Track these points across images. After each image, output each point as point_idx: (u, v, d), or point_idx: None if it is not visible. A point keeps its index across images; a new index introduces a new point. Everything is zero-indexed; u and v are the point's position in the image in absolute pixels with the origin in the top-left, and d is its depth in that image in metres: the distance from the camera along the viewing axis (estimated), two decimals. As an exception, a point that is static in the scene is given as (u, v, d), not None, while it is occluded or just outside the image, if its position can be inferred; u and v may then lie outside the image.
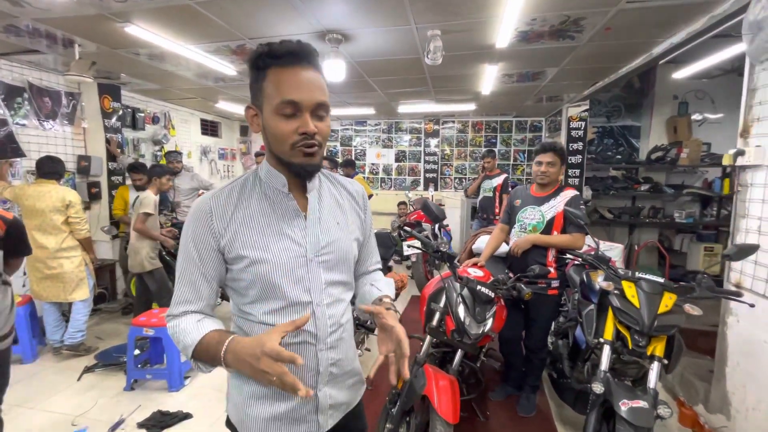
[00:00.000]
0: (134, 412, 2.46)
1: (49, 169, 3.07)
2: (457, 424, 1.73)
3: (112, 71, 3.87)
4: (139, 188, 3.78)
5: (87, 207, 4.19)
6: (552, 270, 2.30)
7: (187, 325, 0.85)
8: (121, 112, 4.37)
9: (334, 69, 3.11)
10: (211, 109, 6.09)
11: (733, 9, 2.23)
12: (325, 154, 0.93)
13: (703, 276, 1.77)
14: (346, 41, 2.99)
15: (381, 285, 1.06)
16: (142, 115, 4.93)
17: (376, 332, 3.08)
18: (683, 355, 1.81)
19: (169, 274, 3.79)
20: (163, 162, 4.75)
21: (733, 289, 2.07)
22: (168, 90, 4.72)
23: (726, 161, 2.11)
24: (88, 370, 2.94)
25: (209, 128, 6.57)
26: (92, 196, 4.10)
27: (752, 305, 1.77)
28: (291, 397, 0.89)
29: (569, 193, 2.34)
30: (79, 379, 2.84)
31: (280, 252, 0.86)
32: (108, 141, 4.19)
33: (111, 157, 4.24)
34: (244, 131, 7.42)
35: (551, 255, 2.33)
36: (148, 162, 5.03)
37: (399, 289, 2.94)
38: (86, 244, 3.22)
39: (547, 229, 2.32)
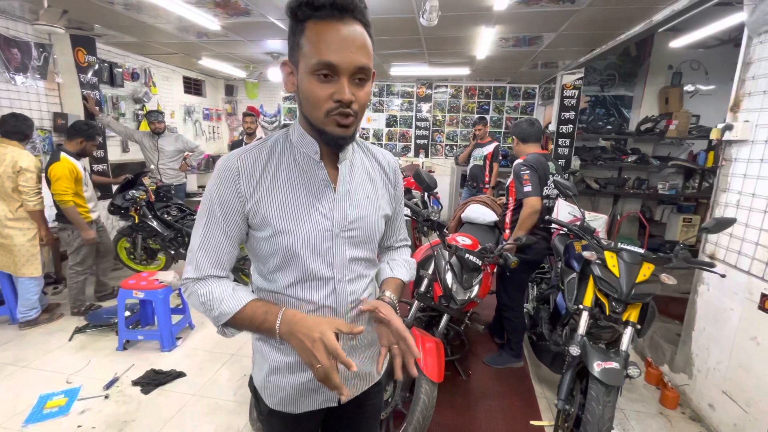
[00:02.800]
0: (128, 371, 2.53)
1: (11, 128, 2.80)
2: (441, 383, 1.83)
3: (85, 22, 3.60)
4: (79, 155, 3.19)
5: (67, 167, 4.05)
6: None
7: (222, 292, 0.81)
8: (97, 67, 4.12)
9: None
10: (194, 66, 5.79)
11: (738, -24, 2.17)
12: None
13: (680, 247, 1.84)
14: (337, -3, 2.83)
15: (395, 265, 1.03)
16: (120, 70, 4.66)
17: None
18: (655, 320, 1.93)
19: (153, 237, 3.79)
20: (144, 123, 4.56)
21: (707, 260, 2.17)
22: (147, 44, 4.45)
23: (714, 135, 2.13)
24: (79, 330, 2.97)
25: (192, 87, 6.27)
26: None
27: (723, 275, 1.87)
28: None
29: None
30: (70, 340, 2.88)
31: (305, 224, 0.83)
32: (85, 98, 3.98)
33: (89, 115, 4.04)
34: (229, 90, 7.13)
35: (508, 217, 2.56)
36: (129, 122, 4.83)
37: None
38: (37, 218, 2.90)
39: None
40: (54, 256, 3.76)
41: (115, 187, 3.99)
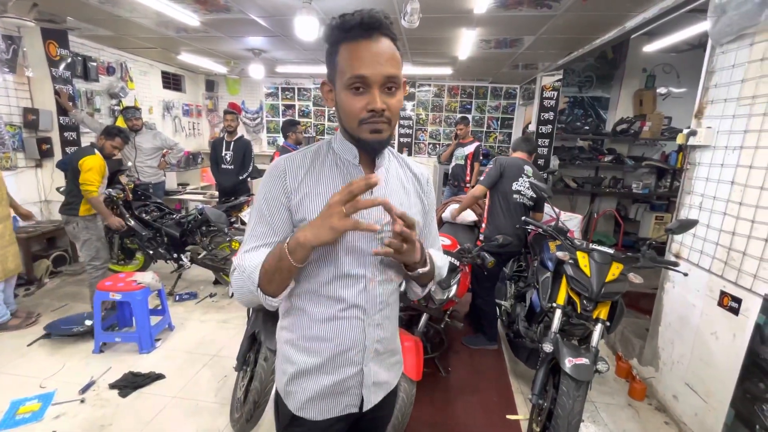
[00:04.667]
0: (105, 374, 2.48)
1: None
2: (421, 380, 1.88)
3: (57, 14, 3.48)
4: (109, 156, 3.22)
5: (38, 165, 3.92)
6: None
7: (251, 257, 0.86)
8: (70, 60, 3.99)
9: (305, 27, 2.95)
10: (173, 61, 5.66)
11: (704, -12, 2.26)
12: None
13: (646, 247, 1.94)
14: (318, -4, 2.82)
15: (433, 252, 1.04)
16: (95, 64, 4.52)
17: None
18: (625, 316, 2.02)
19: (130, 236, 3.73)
20: (121, 119, 4.44)
21: (672, 259, 2.28)
22: (123, 38, 4.32)
23: (680, 140, 2.23)
24: (36, 341, 2.82)
25: (171, 82, 6.13)
26: (43, 153, 3.82)
27: (686, 274, 1.97)
28: (336, 370, 0.92)
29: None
30: (29, 345, 2.77)
31: None
32: (57, 93, 3.85)
33: (62, 110, 3.92)
34: (210, 86, 6.99)
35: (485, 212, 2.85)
36: (105, 119, 4.70)
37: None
38: None
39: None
40: (26, 257, 3.64)
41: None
